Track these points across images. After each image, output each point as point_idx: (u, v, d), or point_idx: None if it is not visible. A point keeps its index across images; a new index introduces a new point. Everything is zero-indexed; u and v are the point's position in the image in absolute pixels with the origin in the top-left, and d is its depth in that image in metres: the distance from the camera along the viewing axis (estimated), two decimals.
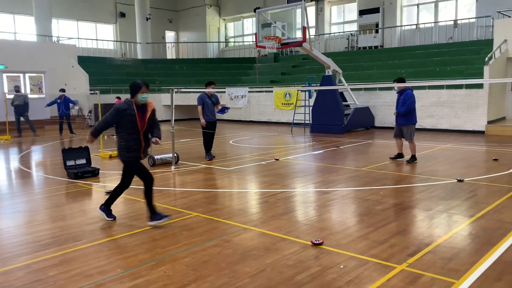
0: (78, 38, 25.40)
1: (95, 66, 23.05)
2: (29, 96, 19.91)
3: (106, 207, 5.51)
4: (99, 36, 27.83)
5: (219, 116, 10.82)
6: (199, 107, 9.94)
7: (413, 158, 9.41)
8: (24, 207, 6.37)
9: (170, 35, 32.04)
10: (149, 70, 25.47)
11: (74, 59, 21.21)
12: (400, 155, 9.68)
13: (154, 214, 5.26)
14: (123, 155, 5.26)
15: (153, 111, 5.33)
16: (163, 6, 30.63)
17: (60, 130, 16.74)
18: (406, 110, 9.38)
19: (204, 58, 28.20)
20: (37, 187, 7.76)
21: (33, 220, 5.66)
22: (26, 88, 20.00)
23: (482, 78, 14.47)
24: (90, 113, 20.33)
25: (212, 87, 10.12)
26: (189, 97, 22.59)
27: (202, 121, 9.90)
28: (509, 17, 16.69)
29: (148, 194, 5.29)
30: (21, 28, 24.62)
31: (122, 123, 5.14)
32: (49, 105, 17.06)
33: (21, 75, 19.85)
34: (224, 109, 10.25)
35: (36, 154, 12.16)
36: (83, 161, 8.74)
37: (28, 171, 9.44)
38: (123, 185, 5.47)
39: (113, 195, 5.51)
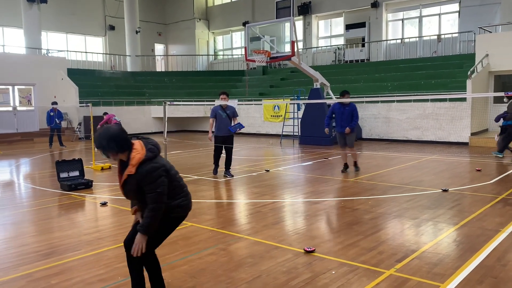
0: (68, 51, 25.48)
1: (85, 78, 23.13)
2: (18, 108, 19.97)
3: None
4: (88, 49, 27.95)
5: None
6: (210, 120, 9.44)
7: (357, 166, 9.95)
8: (20, 218, 6.45)
9: (159, 48, 32.29)
10: (138, 83, 25.62)
11: (63, 72, 21.28)
12: (347, 165, 10.01)
13: None
14: None
15: (136, 175, 3.21)
16: (152, 20, 30.93)
17: (50, 142, 16.74)
18: (357, 123, 9.77)
19: (193, 70, 28.47)
20: (31, 199, 7.83)
21: (30, 231, 5.75)
22: (15, 100, 19.98)
23: (465, 91, 14.94)
24: (79, 125, 20.35)
25: (221, 98, 9.37)
26: (179, 109, 22.78)
27: (209, 135, 9.50)
28: (490, 32, 17.29)
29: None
30: (10, 40, 24.65)
31: None
32: (50, 123, 16.55)
33: (10, 87, 19.84)
34: (236, 127, 9.33)
35: (27, 167, 12.18)
36: (76, 173, 8.83)
37: (21, 183, 9.49)
38: None
39: None
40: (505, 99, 12.32)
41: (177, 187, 3.44)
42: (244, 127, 9.70)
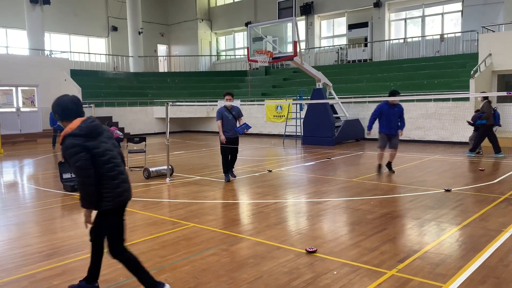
0: (71, 52, 25.56)
1: (88, 79, 23.18)
2: (21, 109, 20.03)
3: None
4: (91, 50, 28.02)
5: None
6: (218, 122, 8.99)
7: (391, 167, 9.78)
8: (22, 219, 6.47)
9: (162, 49, 32.34)
10: (141, 83, 25.66)
11: (66, 73, 21.33)
12: (381, 166, 9.74)
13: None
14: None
15: (61, 148, 3.48)
16: (155, 20, 30.98)
17: (53, 143, 16.79)
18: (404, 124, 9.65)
19: (196, 71, 28.49)
20: (35, 200, 7.86)
21: (33, 232, 5.77)
22: (18, 101, 20.05)
23: (468, 91, 14.89)
24: None
25: (227, 99, 9.06)
26: (181, 110, 22.80)
27: (222, 137, 8.89)
28: (493, 31, 17.22)
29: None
30: (14, 42, 24.74)
31: None
32: (53, 124, 16.50)
33: (14, 88, 19.91)
34: (243, 128, 8.96)
35: (31, 167, 12.22)
36: None
37: (24, 184, 9.52)
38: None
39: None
40: (479, 98, 12.74)
41: (104, 176, 3.44)
42: (251, 127, 9.47)
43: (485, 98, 12.13)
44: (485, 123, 11.92)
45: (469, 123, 12.63)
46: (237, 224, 5.99)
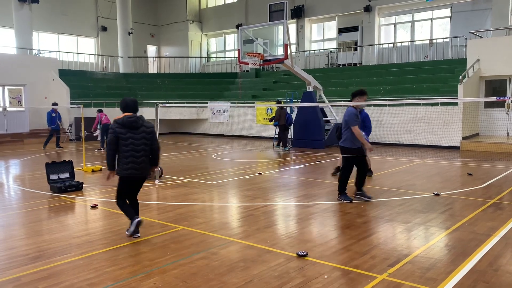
0: (59, 51, 25.27)
1: (76, 79, 22.93)
2: (8, 109, 19.75)
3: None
4: (80, 50, 27.74)
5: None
6: (356, 128, 6.96)
7: None
8: (7, 221, 6.35)
9: (152, 50, 32.16)
10: (130, 84, 25.46)
11: (55, 72, 21.08)
12: None
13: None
14: None
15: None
16: (145, 21, 30.80)
17: (45, 143, 16.53)
18: None
19: (186, 72, 28.36)
20: (20, 201, 7.72)
21: (18, 234, 5.66)
22: (5, 101, 19.76)
23: (457, 96, 15.04)
24: (70, 126, 20.16)
25: (358, 99, 7.24)
26: (171, 111, 22.67)
27: (369, 146, 7.25)
28: (481, 37, 17.43)
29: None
30: (1, 40, 24.36)
31: None
32: (52, 124, 16.23)
33: (0, 87, 19.61)
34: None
35: (17, 168, 12.03)
36: (67, 175, 8.73)
37: (10, 185, 9.36)
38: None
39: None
40: (276, 105, 15.35)
41: (121, 154, 5.27)
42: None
43: (280, 105, 15.22)
44: (278, 124, 15.46)
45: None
46: (227, 227, 5.94)
